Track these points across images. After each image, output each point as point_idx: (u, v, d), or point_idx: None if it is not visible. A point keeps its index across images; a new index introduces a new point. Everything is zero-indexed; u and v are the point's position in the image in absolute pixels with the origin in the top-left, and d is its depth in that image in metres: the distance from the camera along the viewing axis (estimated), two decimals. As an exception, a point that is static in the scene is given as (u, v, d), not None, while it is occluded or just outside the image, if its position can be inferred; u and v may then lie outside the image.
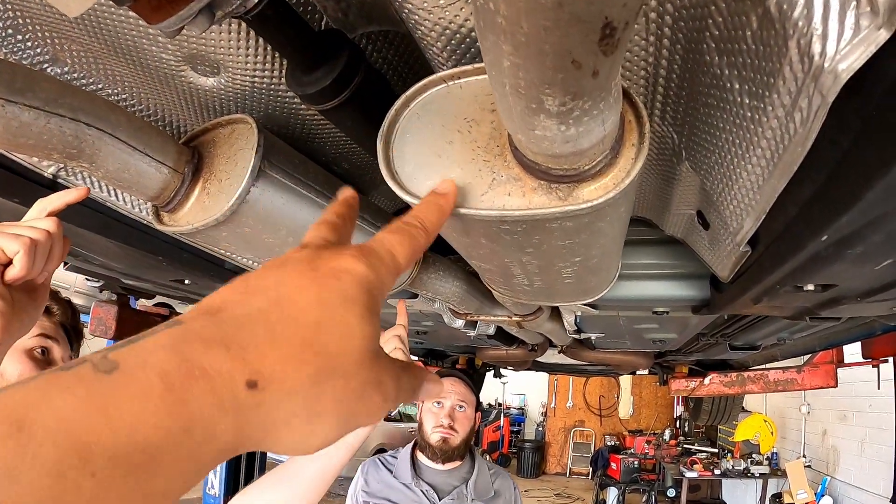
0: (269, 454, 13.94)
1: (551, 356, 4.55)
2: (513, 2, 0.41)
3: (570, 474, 18.18)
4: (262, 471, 6.25)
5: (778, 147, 0.75)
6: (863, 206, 0.73)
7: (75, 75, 1.24)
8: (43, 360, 1.69)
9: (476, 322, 2.68)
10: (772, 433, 10.14)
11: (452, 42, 0.88)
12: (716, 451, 12.19)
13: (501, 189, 0.77)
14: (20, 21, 1.12)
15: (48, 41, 1.16)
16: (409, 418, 13.69)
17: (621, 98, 0.66)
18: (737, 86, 0.74)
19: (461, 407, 2.97)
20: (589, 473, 16.49)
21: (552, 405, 19.22)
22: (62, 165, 1.42)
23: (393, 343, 1.60)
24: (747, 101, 0.74)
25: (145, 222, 1.61)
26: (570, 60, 0.46)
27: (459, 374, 3.09)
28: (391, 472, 3.00)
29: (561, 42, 0.44)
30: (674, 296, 1.84)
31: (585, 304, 2.03)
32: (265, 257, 1.35)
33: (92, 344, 1.86)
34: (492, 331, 2.87)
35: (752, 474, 10.09)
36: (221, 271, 2.10)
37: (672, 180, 1.24)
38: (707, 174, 1.04)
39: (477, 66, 0.82)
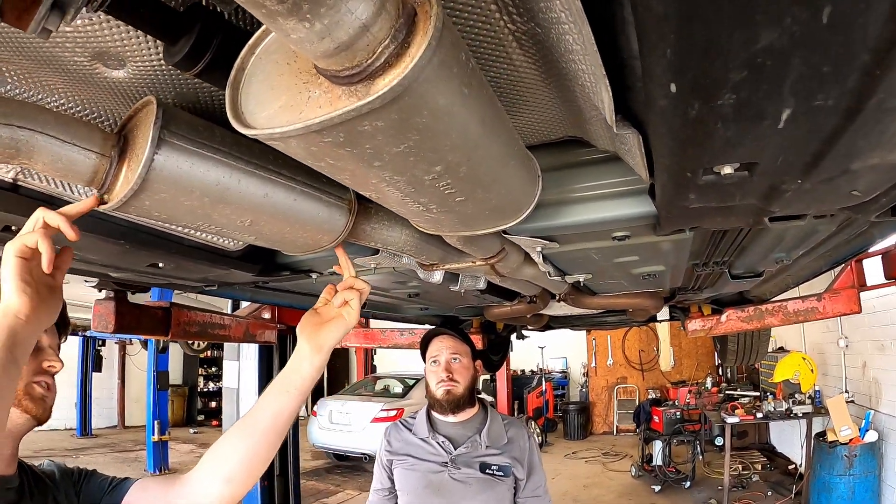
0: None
1: (559, 309, 4.55)
2: None
3: (616, 432, 18.25)
4: (297, 460, 6.36)
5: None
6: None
7: (17, 91, 1.37)
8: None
9: (457, 276, 2.72)
10: (812, 371, 9.90)
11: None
12: (758, 394, 12.06)
13: (314, 103, 0.81)
14: None
15: None
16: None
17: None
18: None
19: (455, 359, 3.09)
20: (636, 430, 16.54)
21: (592, 365, 19.25)
22: (17, 168, 1.57)
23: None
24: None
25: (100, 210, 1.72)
26: None
27: (446, 330, 3.19)
28: (410, 431, 3.18)
29: None
30: (624, 215, 1.81)
31: (538, 238, 2.05)
32: (196, 223, 1.43)
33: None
34: (482, 285, 2.91)
35: (795, 414, 9.84)
36: (184, 248, 2.17)
37: (568, 84, 1.24)
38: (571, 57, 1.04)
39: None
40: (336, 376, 24.28)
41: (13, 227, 1.87)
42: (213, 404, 21.91)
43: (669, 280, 3.31)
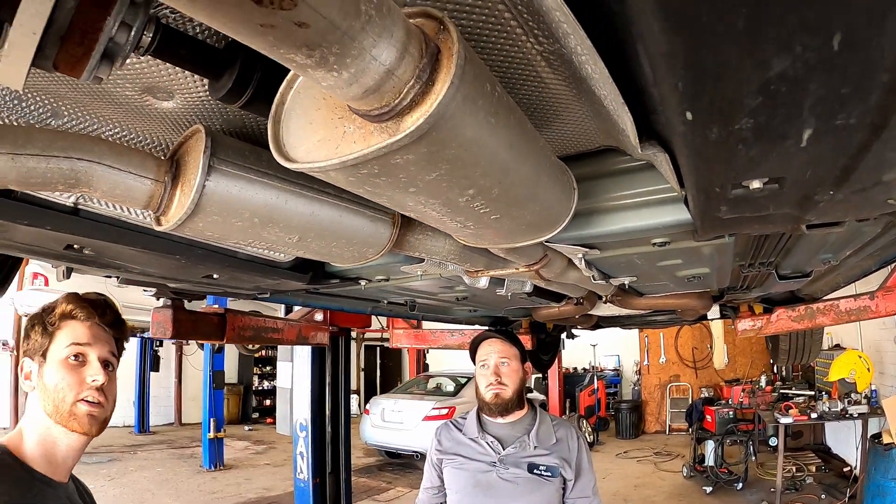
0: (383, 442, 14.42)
1: (607, 309, 4.58)
2: None
3: (669, 431, 18.07)
4: (349, 458, 6.46)
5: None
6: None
7: (73, 123, 1.52)
8: (77, 363, 1.77)
9: (503, 281, 2.78)
10: (868, 369, 9.59)
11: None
12: (812, 394, 11.81)
13: (349, 138, 0.88)
14: (22, 93, 1.39)
15: (46, 102, 1.44)
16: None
17: (397, 36, 0.72)
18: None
19: (504, 362, 3.11)
20: (688, 429, 16.39)
21: (645, 362, 19.09)
22: (78, 194, 1.70)
23: None
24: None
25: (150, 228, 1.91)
26: (259, 24, 0.55)
27: (495, 334, 3.22)
28: (460, 431, 3.24)
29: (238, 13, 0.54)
30: (662, 223, 1.84)
31: (578, 246, 2.08)
32: (247, 240, 1.58)
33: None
34: (528, 288, 2.98)
35: (851, 415, 9.57)
36: (237, 261, 2.31)
37: (601, 100, 1.28)
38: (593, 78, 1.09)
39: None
40: (389, 375, 24.56)
41: (74, 246, 2.04)
42: (268, 402, 22.34)
43: (716, 281, 3.32)
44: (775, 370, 16.23)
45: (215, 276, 2.49)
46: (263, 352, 21.38)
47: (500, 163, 1.03)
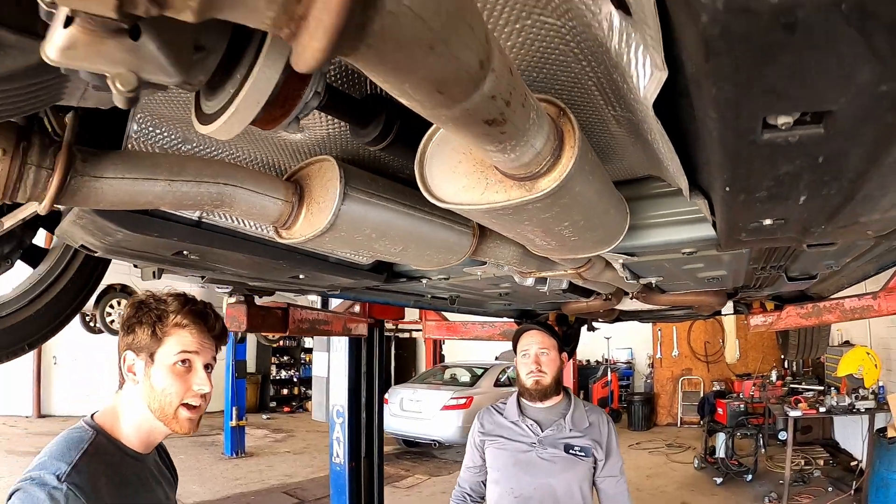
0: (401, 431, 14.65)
1: (629, 304, 4.90)
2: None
3: (680, 424, 18.33)
4: (381, 443, 6.72)
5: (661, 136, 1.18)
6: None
7: (200, 148, 1.81)
8: (184, 369, 1.89)
9: (545, 279, 3.14)
10: (876, 366, 9.91)
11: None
12: (822, 388, 12.08)
13: (492, 189, 1.25)
14: (157, 120, 1.66)
15: (178, 130, 1.71)
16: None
17: (548, 124, 1.09)
18: (629, 95, 1.18)
19: (544, 352, 3.44)
20: (699, 422, 16.64)
21: (658, 356, 19.33)
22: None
23: None
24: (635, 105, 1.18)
25: (267, 238, 2.23)
26: (479, 134, 0.92)
27: (536, 326, 3.55)
28: (502, 414, 3.56)
29: (473, 130, 0.90)
30: (691, 238, 2.22)
31: (622, 254, 2.45)
32: (357, 250, 1.92)
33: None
34: (564, 285, 3.34)
35: (858, 409, 9.89)
36: (326, 264, 2.65)
37: (651, 145, 1.66)
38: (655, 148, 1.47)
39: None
40: (404, 365, 24.81)
41: (184, 252, 2.31)
42: (285, 391, 22.82)
43: (731, 281, 3.67)
44: (786, 365, 16.43)
45: (301, 276, 2.82)
46: (282, 342, 21.67)
47: (589, 204, 1.42)
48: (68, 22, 0.65)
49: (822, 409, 10.32)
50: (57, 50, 0.64)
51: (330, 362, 6.74)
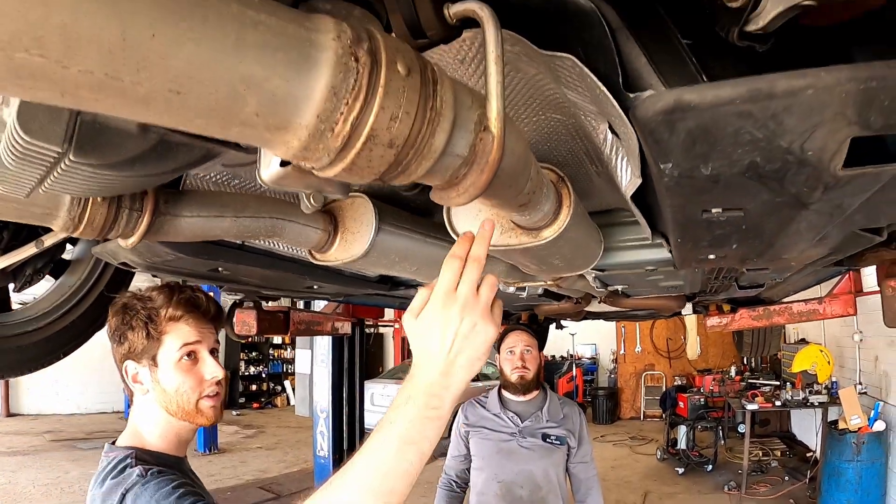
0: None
1: (597, 306, 5.29)
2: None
3: (644, 417, 18.90)
4: (362, 436, 6.84)
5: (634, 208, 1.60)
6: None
7: (245, 183, 2.05)
8: (191, 362, 1.84)
9: (525, 287, 3.50)
10: (829, 363, 10.45)
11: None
12: (778, 383, 12.58)
13: (506, 234, 1.65)
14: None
15: (228, 168, 1.93)
16: (486, 377, 14.51)
17: (551, 192, 1.49)
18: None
19: (528, 350, 3.84)
20: (661, 415, 17.16)
21: (622, 352, 19.89)
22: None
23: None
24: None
25: (297, 257, 2.47)
26: (515, 212, 1.32)
27: (521, 327, 3.97)
28: (484, 407, 3.92)
29: (510, 209, 1.30)
30: (651, 259, 2.63)
31: (594, 269, 2.84)
32: (380, 270, 2.25)
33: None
34: (540, 291, 3.72)
35: (812, 403, 10.45)
36: (342, 277, 2.93)
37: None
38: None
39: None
40: (372, 361, 24.88)
41: (219, 269, 2.49)
42: (254, 387, 22.85)
43: (689, 288, 4.08)
44: (745, 361, 16.95)
45: (315, 286, 3.13)
46: (251, 338, 21.53)
47: (576, 241, 1.83)
48: (285, 162, 0.87)
49: (777, 403, 10.89)
50: (271, 179, 0.93)
51: (313, 359, 6.95)
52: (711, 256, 2.02)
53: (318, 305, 6.37)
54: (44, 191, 1.25)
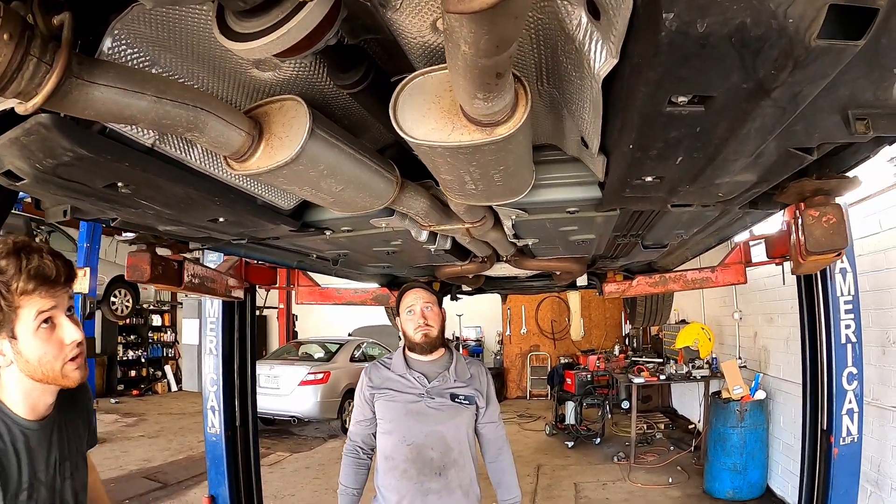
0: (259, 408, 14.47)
1: (498, 270, 5.29)
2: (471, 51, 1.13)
3: (530, 397, 19.35)
4: (255, 411, 6.59)
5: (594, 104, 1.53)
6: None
7: (168, 72, 1.75)
8: (48, 328, 1.80)
9: (436, 235, 3.39)
10: (710, 339, 11.04)
11: (425, 52, 1.62)
12: (661, 360, 13.10)
13: (458, 132, 1.54)
14: (132, 38, 1.63)
15: (150, 51, 1.68)
16: (371, 358, 14.41)
17: (513, 84, 1.40)
18: (574, 73, 1.51)
19: (428, 307, 3.69)
20: (548, 394, 17.59)
21: (507, 333, 20.22)
22: (158, 136, 1.97)
23: None
24: (578, 82, 1.52)
25: (209, 173, 2.24)
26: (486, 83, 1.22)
27: (418, 284, 3.80)
28: (389, 369, 3.76)
29: (485, 77, 1.19)
30: (578, 197, 2.61)
31: (517, 209, 2.79)
32: (304, 186, 2.05)
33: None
34: (448, 245, 3.66)
35: (695, 377, 11.01)
36: (254, 206, 2.66)
37: (561, 119, 2.02)
38: (576, 117, 1.83)
39: (441, 66, 1.57)
40: (255, 343, 24.19)
41: (118, 185, 2.12)
42: (133, 373, 21.49)
43: (595, 247, 4.10)
44: (627, 342, 17.66)
45: (220, 219, 2.81)
46: (129, 320, 20.38)
47: (520, 155, 1.76)
48: None
49: (662, 377, 11.43)
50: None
51: (202, 329, 6.55)
52: (649, 179, 2.00)
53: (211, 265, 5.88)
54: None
